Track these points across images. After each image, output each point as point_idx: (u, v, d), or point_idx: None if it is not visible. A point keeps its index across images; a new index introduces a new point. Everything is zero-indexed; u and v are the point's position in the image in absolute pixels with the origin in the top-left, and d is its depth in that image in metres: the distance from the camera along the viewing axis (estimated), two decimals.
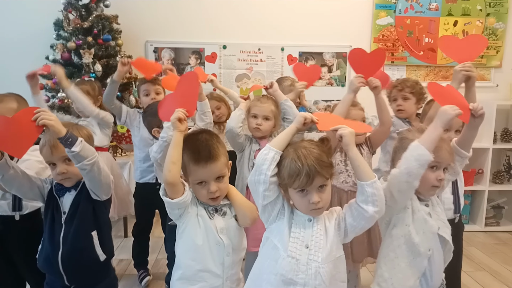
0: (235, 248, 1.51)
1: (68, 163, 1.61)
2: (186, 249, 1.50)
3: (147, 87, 2.69)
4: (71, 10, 3.43)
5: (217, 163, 1.45)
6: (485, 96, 4.14)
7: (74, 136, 1.49)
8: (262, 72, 4.03)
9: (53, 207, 1.66)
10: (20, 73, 2.21)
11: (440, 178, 1.49)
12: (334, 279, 1.35)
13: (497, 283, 2.91)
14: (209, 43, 3.97)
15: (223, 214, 1.52)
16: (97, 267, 1.69)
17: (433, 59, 4.13)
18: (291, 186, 1.32)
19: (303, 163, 1.28)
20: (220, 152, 1.47)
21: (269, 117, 2.26)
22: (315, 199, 1.30)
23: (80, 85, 2.71)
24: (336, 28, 4.02)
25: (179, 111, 1.48)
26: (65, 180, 1.63)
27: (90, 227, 1.66)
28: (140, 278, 2.76)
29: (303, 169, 1.27)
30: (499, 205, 4.05)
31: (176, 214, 1.49)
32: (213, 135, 1.54)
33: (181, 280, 1.51)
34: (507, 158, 4.11)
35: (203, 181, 1.46)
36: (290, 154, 1.32)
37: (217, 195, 1.46)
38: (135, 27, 3.88)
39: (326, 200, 1.34)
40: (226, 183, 1.51)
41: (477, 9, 4.09)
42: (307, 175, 1.27)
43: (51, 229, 1.65)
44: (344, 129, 1.33)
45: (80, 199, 1.65)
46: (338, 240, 1.38)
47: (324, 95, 4.08)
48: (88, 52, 3.34)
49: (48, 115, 1.44)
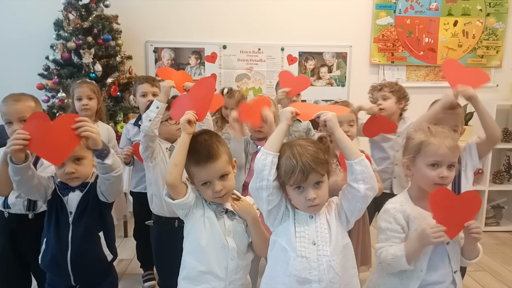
0: (241, 253, 1.50)
1: (77, 162, 1.61)
2: (190, 249, 1.51)
3: (144, 88, 2.66)
4: (71, 10, 3.43)
5: (217, 162, 1.45)
6: (485, 96, 4.12)
7: (108, 148, 1.52)
8: (262, 72, 4.03)
9: (58, 207, 1.64)
10: (20, 73, 2.21)
11: (442, 176, 1.47)
12: (345, 268, 1.36)
13: (497, 283, 2.91)
14: (209, 43, 3.97)
15: (232, 218, 1.51)
16: (104, 266, 1.69)
17: (433, 59, 4.13)
18: (288, 183, 1.33)
19: (297, 160, 1.29)
20: (220, 151, 1.47)
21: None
22: (311, 195, 1.31)
23: (85, 84, 2.65)
24: (336, 28, 4.02)
25: (190, 113, 1.48)
26: (72, 180, 1.62)
27: (98, 228, 1.67)
28: (144, 278, 2.76)
29: (298, 166, 1.29)
30: (499, 205, 4.05)
31: (181, 213, 1.51)
32: (213, 135, 1.54)
33: (186, 280, 1.51)
34: (507, 158, 4.11)
35: (207, 182, 1.46)
36: (286, 152, 1.33)
37: (222, 194, 1.46)
38: (135, 27, 3.88)
39: (323, 196, 1.34)
40: (231, 180, 1.50)
41: (477, 9, 4.09)
42: (302, 172, 1.28)
43: (57, 229, 1.63)
44: (325, 114, 1.35)
45: (87, 200, 1.64)
46: (342, 229, 1.39)
47: (324, 95, 4.08)
48: (88, 52, 3.34)
49: (90, 126, 1.46)
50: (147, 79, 2.72)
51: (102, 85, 3.41)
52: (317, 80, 4.10)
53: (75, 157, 1.59)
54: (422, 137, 1.52)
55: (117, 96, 3.47)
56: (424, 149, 1.50)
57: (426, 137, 1.52)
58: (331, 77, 4.11)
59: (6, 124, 1.91)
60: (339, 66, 4.10)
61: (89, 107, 2.54)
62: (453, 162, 1.50)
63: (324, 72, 4.09)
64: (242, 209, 1.50)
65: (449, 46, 4.11)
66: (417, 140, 1.53)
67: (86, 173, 1.64)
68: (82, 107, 2.52)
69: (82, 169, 1.62)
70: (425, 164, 1.50)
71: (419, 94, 3.80)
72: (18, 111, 1.87)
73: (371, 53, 4.10)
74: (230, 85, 3.96)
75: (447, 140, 1.50)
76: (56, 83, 3.36)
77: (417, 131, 1.57)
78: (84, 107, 2.52)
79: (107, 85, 3.41)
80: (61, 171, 1.61)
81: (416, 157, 1.53)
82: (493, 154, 3.85)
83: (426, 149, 1.50)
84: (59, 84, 3.34)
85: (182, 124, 1.46)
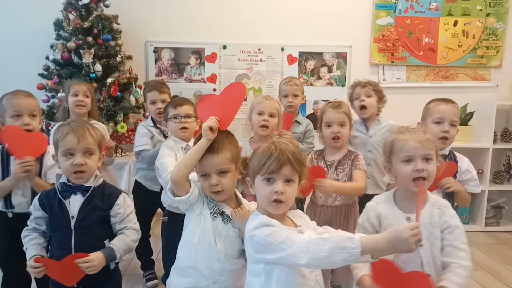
0: (229, 257, 1.49)
1: (88, 156, 1.61)
2: (183, 243, 1.55)
3: (153, 96, 2.63)
4: (71, 10, 3.43)
5: (219, 156, 1.46)
6: (485, 96, 4.15)
7: (113, 256, 1.59)
8: (262, 72, 4.03)
9: (59, 209, 1.61)
10: (20, 73, 2.21)
11: (417, 169, 1.45)
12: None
13: (497, 283, 2.91)
14: (209, 43, 3.97)
15: (227, 222, 1.50)
16: (108, 271, 1.66)
17: (433, 59, 4.13)
18: (259, 172, 1.31)
19: (276, 148, 1.30)
20: (225, 147, 1.48)
21: (274, 114, 2.28)
22: (279, 188, 1.27)
23: (83, 82, 2.69)
24: (336, 28, 4.02)
25: (213, 119, 1.48)
26: (80, 174, 1.60)
27: (103, 236, 1.64)
28: (146, 278, 2.76)
29: (275, 153, 1.28)
30: (499, 205, 4.05)
31: (181, 207, 1.54)
32: (226, 132, 1.54)
33: (175, 270, 1.57)
34: (507, 158, 4.11)
35: (206, 174, 1.48)
36: (265, 144, 1.34)
37: (217, 189, 1.46)
38: (135, 27, 3.88)
39: (290, 195, 1.30)
40: (231, 179, 1.49)
41: (477, 9, 4.08)
42: (278, 159, 1.27)
43: (58, 233, 1.61)
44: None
45: (91, 206, 1.62)
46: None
47: (324, 95, 4.08)
48: (88, 52, 3.34)
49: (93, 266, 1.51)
50: (155, 86, 2.68)
51: (102, 85, 3.41)
52: (317, 80, 4.10)
53: (86, 151, 1.60)
54: (393, 136, 1.55)
55: (117, 96, 3.47)
56: (395, 146, 1.51)
57: (395, 135, 1.54)
58: (331, 77, 4.11)
59: (14, 117, 1.98)
60: (339, 66, 4.10)
61: (84, 104, 2.54)
62: (428, 155, 1.47)
63: (324, 72, 4.09)
64: (239, 219, 1.48)
65: (449, 46, 4.11)
66: (388, 140, 1.56)
67: (93, 169, 1.63)
68: (77, 102, 2.51)
69: (91, 163, 1.62)
70: (399, 161, 1.50)
71: (419, 94, 3.84)
72: (31, 104, 2.00)
73: (371, 53, 4.10)
74: None
75: (415, 134, 1.49)
76: (56, 83, 3.36)
77: (404, 132, 1.55)
78: (79, 103, 2.52)
79: (107, 85, 3.41)
80: (69, 163, 1.59)
81: (391, 157, 1.53)
82: (493, 154, 3.84)
83: (396, 147, 1.51)
84: (59, 84, 3.34)
85: (203, 130, 1.46)
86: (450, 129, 1.99)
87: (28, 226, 1.65)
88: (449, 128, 1.99)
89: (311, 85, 4.08)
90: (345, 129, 2.17)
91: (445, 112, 2.01)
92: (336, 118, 2.16)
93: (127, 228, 1.66)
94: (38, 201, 1.64)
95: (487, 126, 3.81)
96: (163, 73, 3.96)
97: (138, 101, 3.68)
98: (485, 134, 3.85)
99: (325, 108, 2.25)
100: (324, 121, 2.21)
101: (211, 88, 3.98)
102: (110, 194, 1.67)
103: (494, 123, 3.77)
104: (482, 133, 3.88)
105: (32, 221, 1.65)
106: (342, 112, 2.18)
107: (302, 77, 4.05)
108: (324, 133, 2.21)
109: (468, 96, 4.04)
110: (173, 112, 2.18)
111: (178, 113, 2.16)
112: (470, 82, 4.20)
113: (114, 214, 1.65)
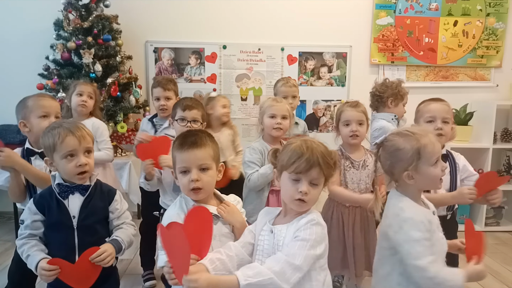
0: None
1: (88, 155, 1.63)
2: None
3: (157, 93, 2.66)
4: (71, 10, 3.43)
5: (200, 150, 1.44)
6: (485, 96, 4.15)
7: (120, 246, 1.61)
8: (262, 72, 4.03)
9: (58, 209, 1.60)
10: (20, 73, 2.21)
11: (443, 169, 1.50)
12: None
13: (497, 283, 2.91)
14: (209, 43, 3.97)
15: (216, 221, 1.45)
16: (108, 270, 1.66)
17: (433, 59, 4.13)
18: (287, 169, 1.31)
19: (308, 149, 1.30)
20: (207, 144, 1.46)
21: (286, 116, 2.28)
22: (304, 188, 1.29)
23: (89, 83, 2.77)
24: (336, 28, 4.02)
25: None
26: (82, 174, 1.60)
27: (104, 235, 1.66)
28: (144, 278, 2.76)
29: (306, 154, 1.29)
30: (499, 205, 4.05)
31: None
32: (206, 132, 1.55)
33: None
34: (507, 158, 4.11)
35: (187, 170, 1.44)
36: (297, 141, 1.33)
37: (197, 185, 1.42)
38: (135, 27, 3.88)
39: (313, 196, 1.32)
40: (211, 177, 1.46)
41: (477, 9, 4.08)
42: (307, 161, 1.28)
43: (58, 233, 1.60)
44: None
45: (92, 205, 1.63)
46: None
47: (324, 95, 4.08)
48: (88, 52, 3.34)
49: (107, 257, 1.54)
50: (160, 82, 2.69)
51: (102, 85, 3.41)
52: (317, 80, 4.10)
53: (86, 149, 1.62)
54: (414, 143, 1.44)
55: (117, 96, 3.47)
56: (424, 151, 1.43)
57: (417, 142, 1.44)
58: (331, 77, 4.11)
59: (42, 117, 2.01)
60: (339, 66, 4.10)
61: (87, 104, 2.64)
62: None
63: (324, 72, 4.09)
64: (229, 215, 1.47)
65: (449, 46, 4.11)
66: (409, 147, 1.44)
67: (93, 167, 1.65)
68: (80, 102, 2.60)
69: (91, 162, 1.63)
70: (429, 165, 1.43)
71: (419, 94, 3.81)
72: (57, 107, 2.10)
73: (371, 53, 4.10)
74: (230, 85, 3.99)
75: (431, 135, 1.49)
76: (56, 83, 3.36)
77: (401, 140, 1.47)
78: (82, 103, 2.60)
79: (107, 85, 3.41)
80: (72, 165, 1.58)
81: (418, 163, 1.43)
82: (493, 154, 3.84)
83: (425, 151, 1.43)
84: (59, 84, 3.34)
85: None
86: (443, 126, 2.02)
87: (22, 235, 1.60)
88: (442, 125, 2.02)
89: (311, 85, 4.08)
90: (363, 128, 2.21)
91: (436, 110, 2.05)
92: (354, 116, 2.19)
93: (124, 223, 1.70)
94: (34, 205, 1.61)
95: (487, 126, 3.82)
96: (163, 73, 3.96)
97: (138, 101, 3.68)
98: (485, 134, 3.85)
99: (343, 108, 2.26)
100: (342, 120, 2.23)
101: (211, 88, 3.98)
102: (109, 191, 1.71)
103: (494, 123, 3.77)
104: (482, 133, 3.88)
105: (27, 227, 1.60)
106: (360, 111, 2.22)
107: (302, 77, 4.05)
108: (342, 131, 2.24)
109: (468, 96, 4.04)
110: (180, 114, 2.17)
111: (185, 117, 2.15)
112: (470, 82, 4.20)
113: (113, 210, 1.68)
